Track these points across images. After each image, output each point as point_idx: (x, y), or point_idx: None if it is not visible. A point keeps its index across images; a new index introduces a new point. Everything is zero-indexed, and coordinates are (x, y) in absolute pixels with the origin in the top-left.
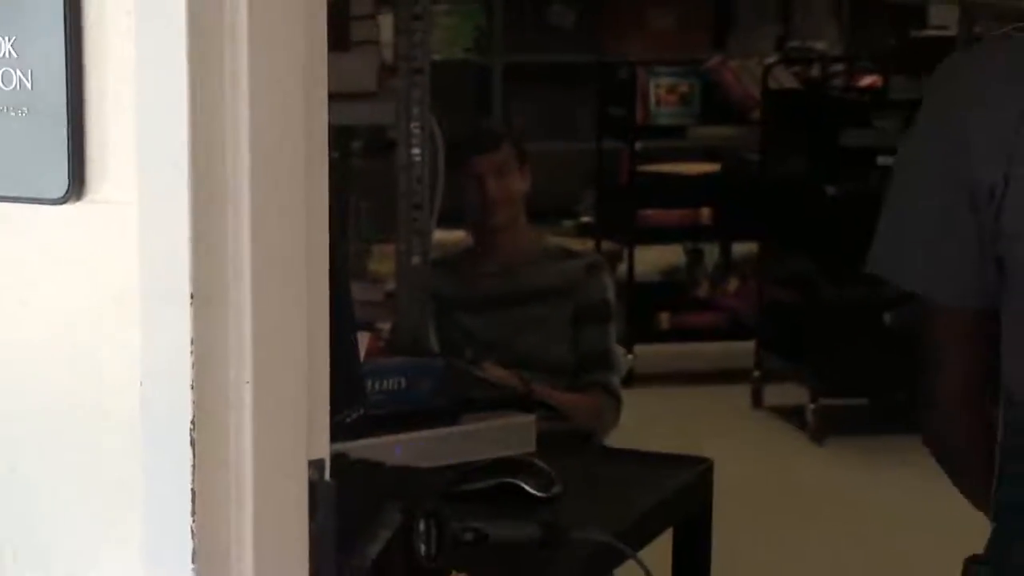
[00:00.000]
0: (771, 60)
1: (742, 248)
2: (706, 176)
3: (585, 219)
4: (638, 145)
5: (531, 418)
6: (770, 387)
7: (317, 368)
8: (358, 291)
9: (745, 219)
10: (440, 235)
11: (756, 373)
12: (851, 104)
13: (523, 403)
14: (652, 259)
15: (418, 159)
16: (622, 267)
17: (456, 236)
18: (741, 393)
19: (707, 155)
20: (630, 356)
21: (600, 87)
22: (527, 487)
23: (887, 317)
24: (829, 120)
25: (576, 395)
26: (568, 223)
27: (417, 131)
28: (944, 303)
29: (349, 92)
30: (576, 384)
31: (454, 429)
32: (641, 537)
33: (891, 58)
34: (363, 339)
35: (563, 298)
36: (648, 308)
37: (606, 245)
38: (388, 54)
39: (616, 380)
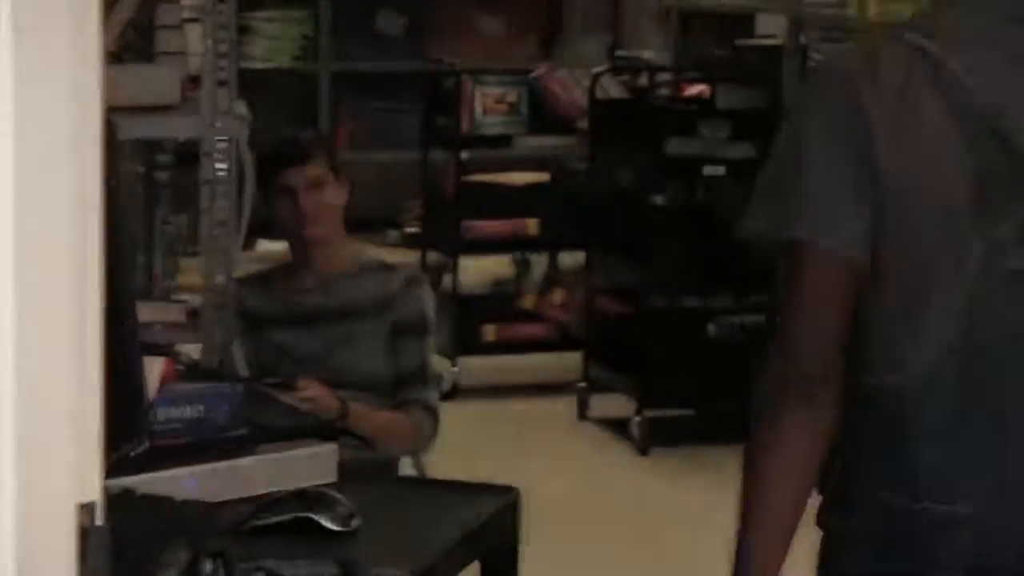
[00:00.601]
0: (599, 69)
1: (569, 259)
2: (533, 186)
3: (411, 230)
4: (464, 155)
5: (333, 447)
6: (596, 398)
7: (88, 403)
8: (159, 311)
9: (572, 229)
10: (269, 247)
11: (582, 384)
12: (677, 113)
13: (326, 431)
14: (479, 270)
15: (223, 173)
16: (448, 279)
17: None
18: (567, 405)
19: (534, 165)
20: (455, 369)
21: (426, 96)
22: (324, 522)
23: (711, 328)
24: (655, 129)
25: (393, 414)
26: (394, 233)
27: (223, 144)
28: (828, 248)
29: (152, 105)
30: (394, 401)
31: (251, 459)
32: (445, 572)
33: (718, 67)
34: (155, 364)
35: (381, 313)
36: (473, 320)
37: (432, 256)
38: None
39: (434, 396)
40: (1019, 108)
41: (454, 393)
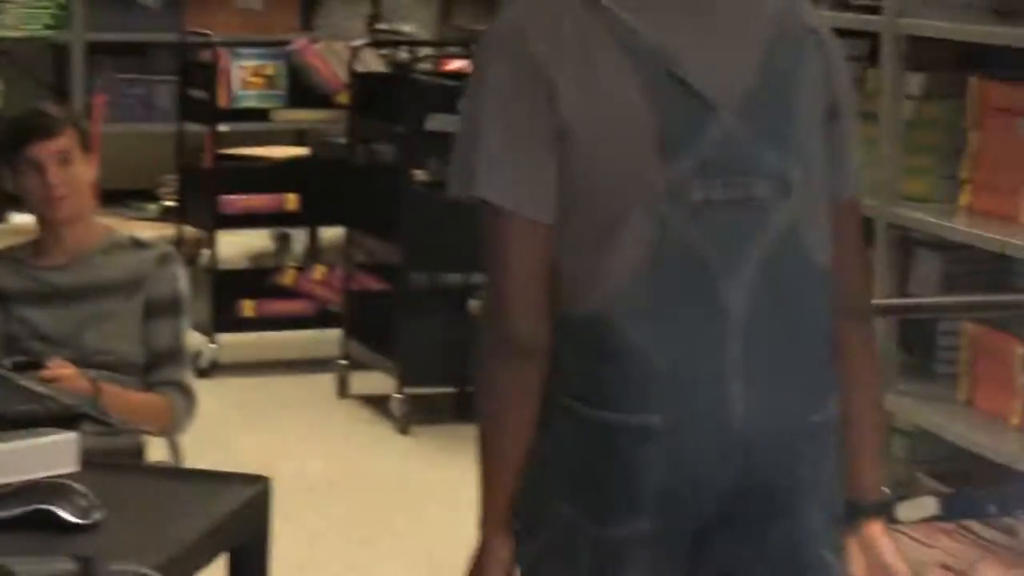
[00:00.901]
0: (358, 43)
1: (330, 235)
2: (293, 161)
3: (169, 203)
4: (221, 128)
5: (73, 435)
6: (357, 376)
7: None
8: None
9: (332, 205)
10: (22, 220)
11: (342, 362)
12: (439, 88)
13: (68, 417)
14: (237, 245)
15: None
16: (206, 254)
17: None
18: (327, 382)
19: (294, 139)
20: (213, 345)
21: (181, 69)
22: (63, 514)
23: (472, 305)
24: (416, 105)
25: (147, 395)
26: (152, 207)
27: None
28: (524, 214)
29: None
30: (147, 382)
31: None
32: (190, 566)
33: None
34: None
35: (133, 291)
36: (232, 296)
37: (189, 231)
38: None
39: (188, 376)
40: (691, 53)
41: (212, 370)
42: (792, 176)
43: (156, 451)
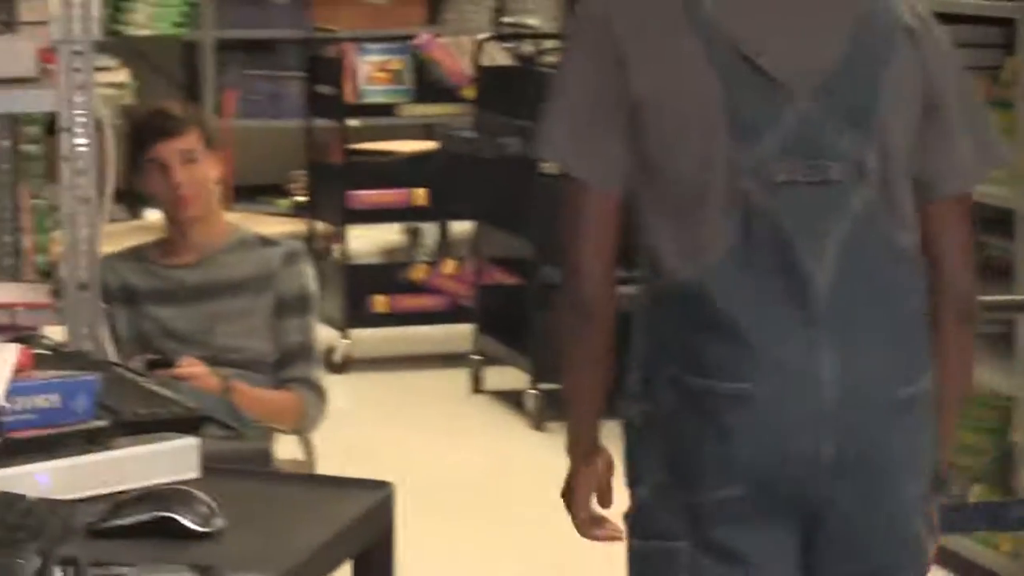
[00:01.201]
0: (483, 36)
1: (460, 229)
2: (421, 155)
3: (299, 198)
4: (349, 123)
5: (194, 441)
6: (490, 371)
7: None
8: (24, 292)
9: (462, 199)
10: (157, 217)
11: (475, 357)
12: None
13: (192, 422)
14: (368, 240)
15: (83, 149)
16: (336, 249)
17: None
18: (460, 378)
19: (421, 134)
20: (345, 341)
21: (308, 64)
22: (183, 520)
23: None
24: (541, 97)
25: (278, 393)
26: (283, 202)
27: (81, 118)
28: (595, 186)
29: (11, 77)
30: (278, 379)
31: (107, 454)
32: (313, 575)
33: None
34: (9, 352)
35: (261, 289)
36: (364, 291)
37: (319, 227)
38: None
39: (318, 373)
40: (769, 39)
41: (345, 366)
42: (868, 162)
43: (287, 449)
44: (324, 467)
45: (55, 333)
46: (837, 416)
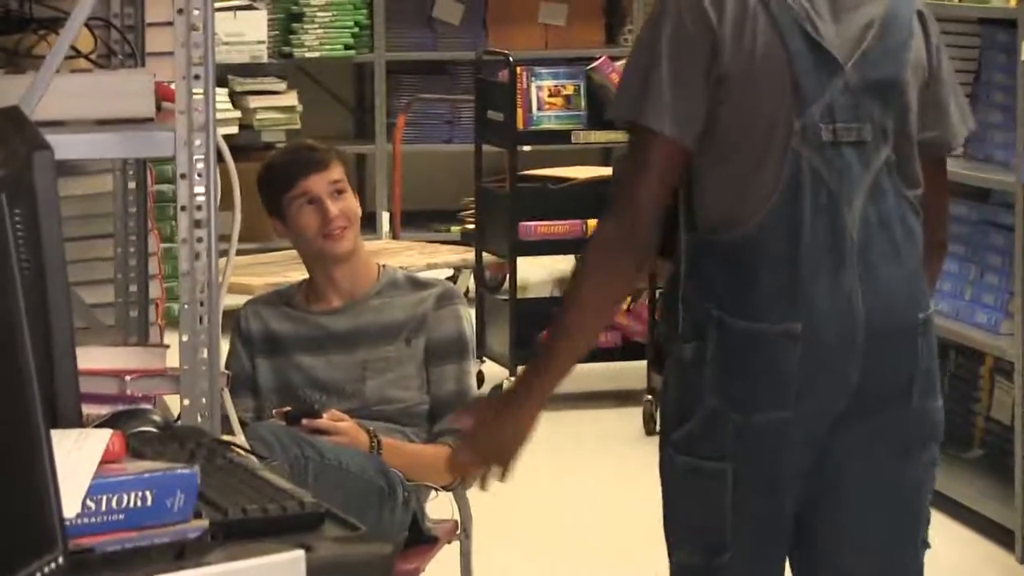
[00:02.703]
0: None
1: None
2: (594, 185)
3: (470, 224)
4: (519, 149)
5: (300, 554)
6: None
7: None
8: (134, 357)
9: None
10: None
11: (649, 397)
12: None
13: (306, 522)
14: (538, 272)
15: (203, 198)
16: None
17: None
18: (633, 417)
19: (599, 157)
20: (512, 378)
21: (478, 89)
22: None
23: None
24: None
25: (431, 447)
26: (455, 228)
27: (200, 164)
28: (676, 139)
29: (124, 118)
30: (432, 432)
31: (202, 571)
32: None
33: None
34: (96, 439)
35: (413, 335)
36: (533, 326)
37: (487, 257)
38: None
39: None
40: (824, 21)
41: None
42: (889, 126)
43: (442, 508)
44: (483, 518)
45: (174, 402)
46: (867, 345)
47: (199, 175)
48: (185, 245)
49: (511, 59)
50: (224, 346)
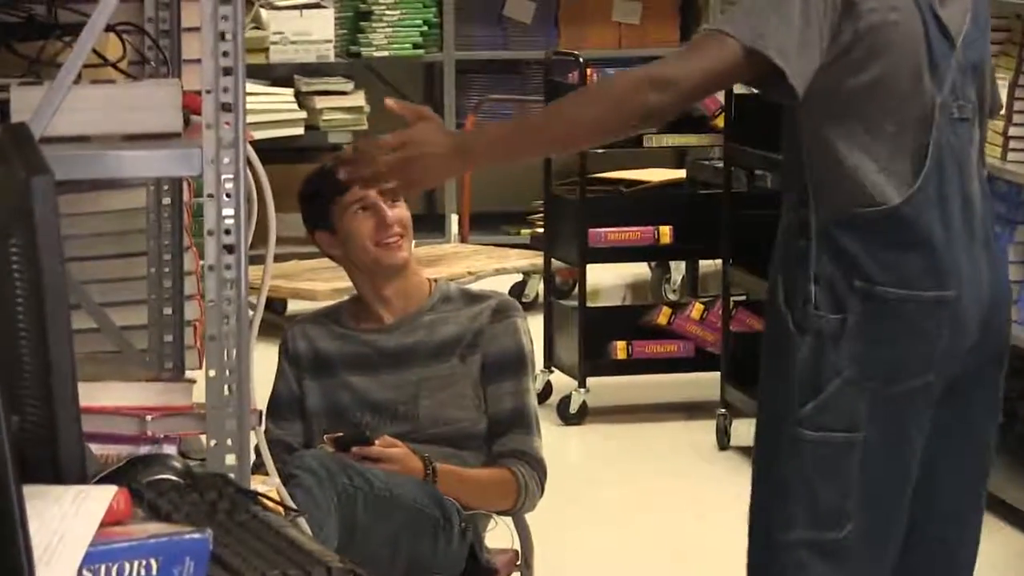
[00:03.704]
0: None
1: (708, 269)
2: (666, 190)
3: (539, 228)
4: (591, 152)
5: None
6: (739, 424)
7: None
8: (158, 394)
9: (709, 237)
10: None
11: (722, 410)
12: None
13: None
14: (612, 273)
15: (231, 221)
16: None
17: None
18: (706, 431)
19: (672, 158)
20: (583, 390)
21: (547, 89)
22: None
23: None
24: None
25: (489, 472)
26: (525, 232)
27: (229, 184)
28: (792, 73)
29: (149, 133)
30: (491, 453)
31: None
32: None
33: None
34: (98, 499)
35: (468, 351)
36: (603, 336)
37: (556, 264)
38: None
39: (537, 443)
40: (952, 11)
41: (580, 417)
42: (977, 105)
43: (500, 537)
44: (545, 547)
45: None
46: (989, 311)
47: (228, 195)
48: (213, 272)
49: (581, 59)
50: (260, 375)
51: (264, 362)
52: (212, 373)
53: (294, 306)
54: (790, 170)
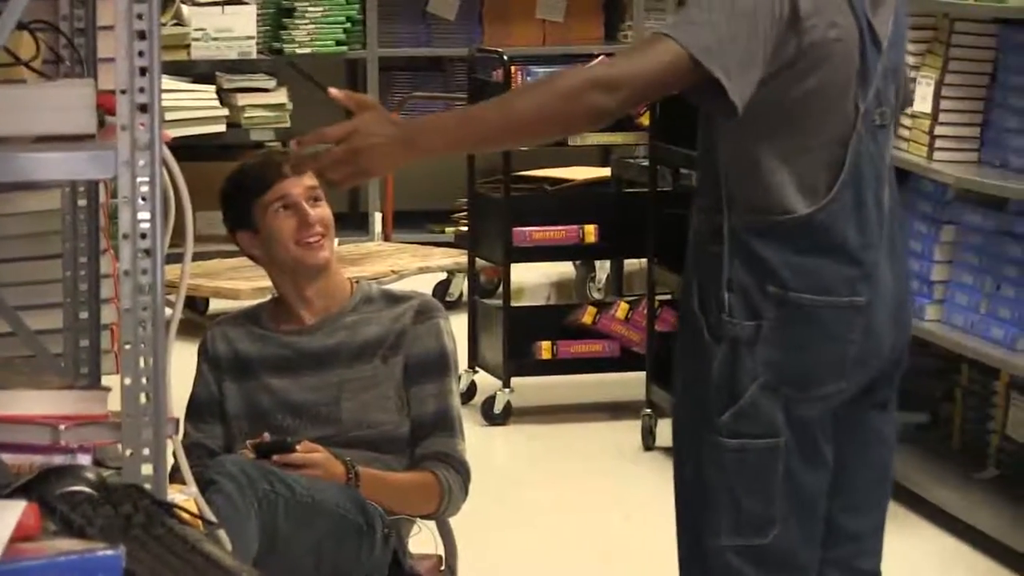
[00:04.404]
0: None
1: (633, 268)
2: (592, 189)
3: (464, 227)
4: (515, 150)
5: None
6: (664, 425)
7: None
8: (72, 402)
9: (635, 236)
10: None
11: (647, 410)
12: None
13: None
14: (532, 280)
15: (147, 224)
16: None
17: None
18: (631, 431)
19: (597, 155)
20: (507, 390)
21: (471, 87)
22: None
23: None
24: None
25: (412, 476)
26: (449, 230)
27: (145, 187)
28: (732, 90)
29: (62, 134)
30: (413, 456)
31: None
32: None
33: None
34: (10, 515)
35: (391, 353)
36: (527, 336)
37: (480, 263)
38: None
39: (460, 446)
40: (882, 17)
41: (505, 417)
42: (894, 109)
43: (424, 542)
44: (470, 551)
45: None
46: (896, 316)
47: (143, 199)
48: (128, 278)
49: (505, 57)
50: (179, 376)
51: (183, 362)
52: (128, 381)
53: (216, 305)
54: (704, 175)
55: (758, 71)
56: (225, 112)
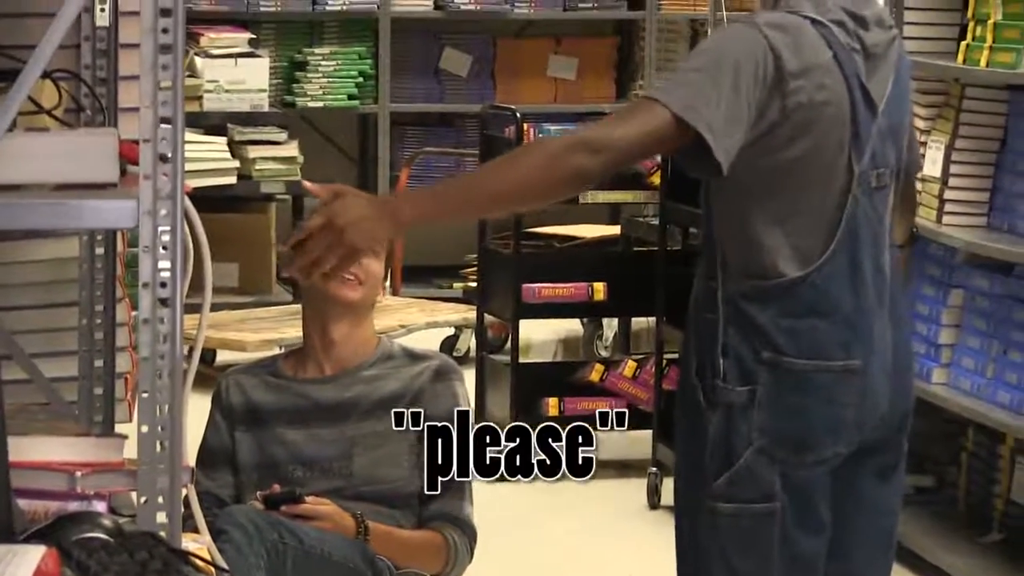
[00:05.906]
0: None
1: (641, 327)
2: (601, 247)
3: (472, 283)
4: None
5: None
6: (670, 484)
7: None
8: (88, 449)
9: (644, 294)
10: None
11: (653, 469)
12: None
13: None
14: (540, 337)
15: (167, 274)
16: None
17: None
18: (636, 490)
19: (607, 213)
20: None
21: (482, 144)
22: None
23: None
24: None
25: (421, 534)
26: (457, 285)
27: (166, 237)
28: (719, 148)
29: (84, 183)
30: (423, 515)
31: None
32: None
33: None
34: (30, 560)
35: (407, 409)
36: (534, 392)
37: (488, 319)
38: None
39: (468, 509)
40: (866, 67)
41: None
42: (895, 170)
43: None
44: None
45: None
46: (893, 381)
47: (164, 248)
48: (147, 326)
49: (517, 114)
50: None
51: (193, 413)
52: (145, 429)
53: (223, 356)
54: (704, 242)
55: (743, 129)
56: (236, 164)
